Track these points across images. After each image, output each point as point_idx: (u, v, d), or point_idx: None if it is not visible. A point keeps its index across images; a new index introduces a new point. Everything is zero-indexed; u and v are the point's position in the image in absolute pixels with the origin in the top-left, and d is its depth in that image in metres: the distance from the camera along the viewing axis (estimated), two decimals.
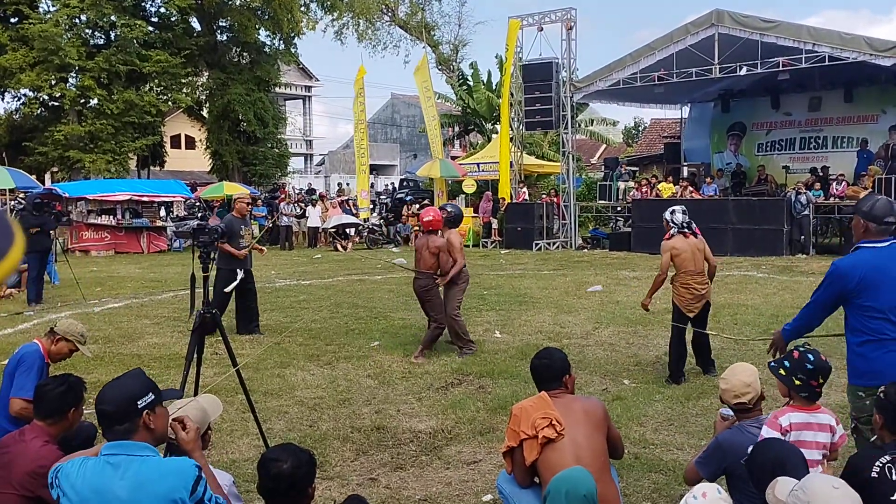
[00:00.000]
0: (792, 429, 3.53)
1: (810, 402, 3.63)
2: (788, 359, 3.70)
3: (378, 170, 45.25)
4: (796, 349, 3.74)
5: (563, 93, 21.79)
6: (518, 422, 3.75)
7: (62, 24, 25.06)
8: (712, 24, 18.84)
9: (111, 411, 2.74)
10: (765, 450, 3.21)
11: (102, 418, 2.77)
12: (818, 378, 3.60)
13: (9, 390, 4.53)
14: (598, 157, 41.18)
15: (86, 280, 14.38)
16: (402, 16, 40.48)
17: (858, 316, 4.12)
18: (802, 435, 3.53)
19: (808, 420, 3.58)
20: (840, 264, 4.19)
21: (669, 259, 7.25)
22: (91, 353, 5.39)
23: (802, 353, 3.67)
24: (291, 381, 7.28)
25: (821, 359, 3.64)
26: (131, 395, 2.78)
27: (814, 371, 3.59)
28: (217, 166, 30.89)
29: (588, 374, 7.42)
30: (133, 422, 2.75)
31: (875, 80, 19.89)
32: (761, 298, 11.74)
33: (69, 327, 4.86)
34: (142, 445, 2.73)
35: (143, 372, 3.00)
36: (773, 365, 3.78)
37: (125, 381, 2.87)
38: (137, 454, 2.69)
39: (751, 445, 3.52)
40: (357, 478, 4.95)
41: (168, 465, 2.74)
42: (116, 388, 2.82)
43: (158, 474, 2.64)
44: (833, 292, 4.19)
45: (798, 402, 3.64)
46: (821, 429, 3.59)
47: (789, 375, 3.65)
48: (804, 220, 18.15)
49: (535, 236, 21.34)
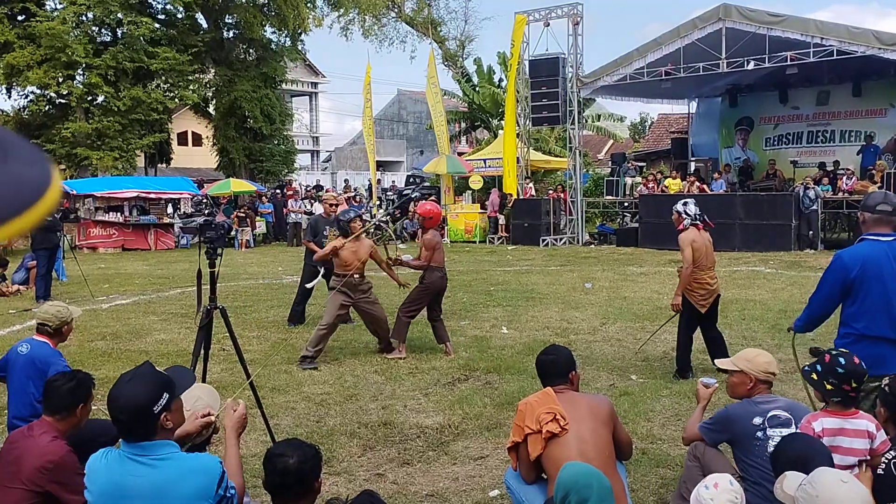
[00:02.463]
0: (824, 434, 3.42)
1: (845, 407, 3.52)
2: (820, 363, 3.61)
3: (385, 166, 45.24)
4: (828, 352, 3.63)
5: (570, 88, 21.74)
6: (523, 417, 3.75)
7: (69, 22, 25.08)
8: (719, 19, 18.77)
9: (127, 421, 2.70)
10: (791, 444, 3.17)
11: (118, 425, 2.73)
12: (850, 382, 3.49)
13: (31, 390, 4.52)
14: (605, 153, 41.06)
15: (94, 277, 14.43)
16: (409, 12, 40.44)
17: (847, 308, 4.16)
18: (836, 441, 3.43)
19: (841, 426, 3.47)
20: (842, 254, 4.20)
21: (692, 252, 6.95)
22: (80, 311, 5.41)
23: (833, 357, 3.56)
24: (298, 377, 7.29)
25: (853, 362, 3.52)
26: (146, 403, 2.72)
27: (845, 375, 3.48)
28: (224, 163, 30.94)
29: (595, 370, 7.41)
30: (151, 427, 2.72)
31: (884, 73, 19.79)
32: (769, 294, 11.70)
33: (53, 315, 4.80)
34: (163, 443, 2.71)
35: (154, 368, 2.94)
36: (805, 370, 3.71)
37: (137, 386, 2.77)
38: (161, 453, 2.68)
39: (756, 417, 3.59)
40: (364, 473, 4.95)
41: (193, 462, 2.72)
42: (129, 394, 2.73)
43: (185, 472, 2.63)
44: (834, 282, 4.19)
45: (832, 407, 3.54)
46: (856, 434, 3.46)
47: (821, 380, 3.56)
48: (812, 215, 18.08)
49: (542, 232, 21.31)
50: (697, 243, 6.99)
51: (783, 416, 3.62)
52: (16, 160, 0.85)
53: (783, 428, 3.58)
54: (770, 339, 8.56)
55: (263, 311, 10.95)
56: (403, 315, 8.12)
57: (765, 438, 3.59)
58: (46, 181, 0.86)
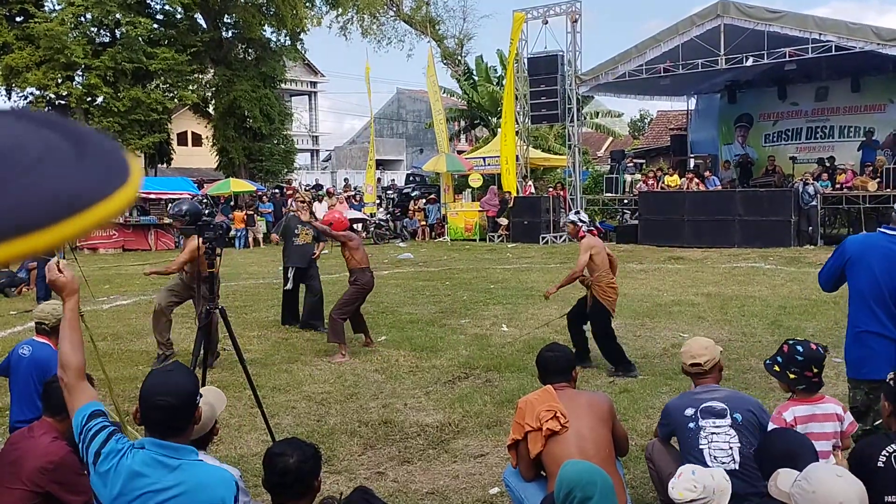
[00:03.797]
0: (797, 423, 3.50)
1: (810, 393, 3.60)
2: (779, 354, 3.68)
3: (384, 165, 45.24)
4: (786, 343, 3.71)
5: (569, 86, 21.74)
6: (523, 415, 3.77)
7: (67, 23, 25.08)
8: (718, 16, 18.77)
9: (177, 404, 2.60)
10: (775, 440, 3.20)
11: (163, 410, 2.59)
12: (811, 368, 3.57)
13: (35, 392, 4.51)
14: (605, 150, 41.05)
15: (94, 278, 14.44)
16: (407, 10, 40.45)
17: (850, 300, 4.23)
18: (809, 427, 3.50)
19: (812, 412, 3.55)
20: (850, 237, 4.37)
21: (589, 258, 7.21)
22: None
23: (791, 346, 3.64)
24: (299, 377, 7.30)
25: (811, 348, 3.60)
26: (193, 390, 2.70)
27: (805, 362, 3.56)
28: (223, 163, 30.94)
29: (595, 367, 7.42)
30: (190, 419, 2.67)
31: (882, 69, 19.78)
32: (769, 290, 11.70)
33: (49, 313, 4.80)
34: (189, 449, 2.65)
35: (184, 365, 2.93)
36: (767, 363, 3.78)
37: (180, 375, 2.75)
38: (187, 458, 2.61)
39: (688, 408, 3.62)
40: (365, 472, 4.97)
41: (215, 473, 2.67)
42: (175, 381, 2.68)
43: (207, 482, 2.58)
44: (835, 259, 4.36)
45: (799, 395, 3.62)
46: (826, 419, 3.55)
47: (783, 370, 3.63)
48: (812, 210, 18.08)
49: (542, 230, 21.32)
50: (597, 248, 7.29)
51: (717, 407, 3.62)
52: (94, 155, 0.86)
53: (716, 418, 3.59)
54: (770, 335, 8.57)
55: (264, 311, 10.96)
56: (338, 316, 8.06)
57: (696, 429, 3.61)
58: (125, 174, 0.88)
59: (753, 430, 3.55)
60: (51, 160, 0.81)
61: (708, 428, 3.56)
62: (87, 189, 0.82)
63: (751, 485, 3.32)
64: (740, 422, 3.56)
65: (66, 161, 0.83)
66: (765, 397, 6.25)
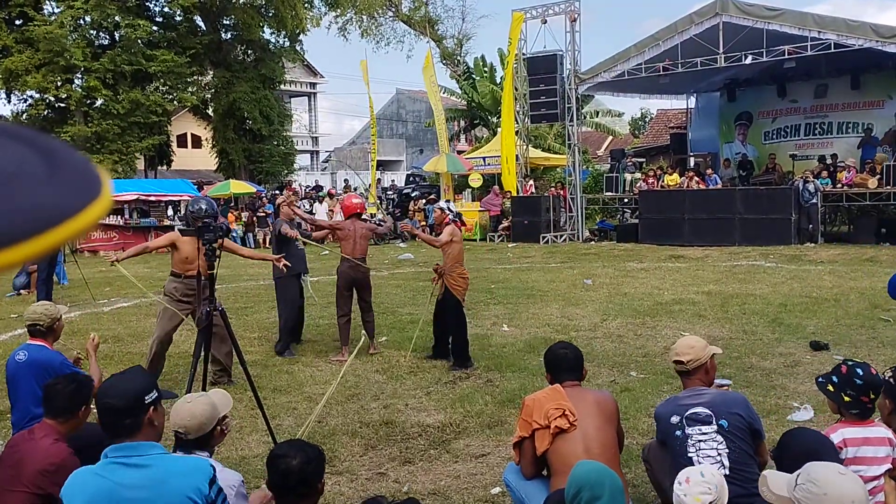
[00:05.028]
0: (847, 445, 3.33)
1: (862, 418, 3.43)
2: (836, 373, 3.50)
3: (384, 165, 45.22)
4: (844, 363, 3.53)
5: (568, 85, 21.73)
6: (530, 412, 3.76)
7: (67, 26, 25.09)
8: (717, 14, 18.75)
9: (120, 405, 2.76)
10: (796, 439, 3.11)
11: (108, 412, 2.78)
12: (869, 393, 3.40)
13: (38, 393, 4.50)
14: (605, 149, 41.04)
15: (95, 280, 14.44)
16: (406, 10, 40.43)
17: None
18: (861, 451, 3.33)
19: (864, 435, 3.37)
20: None
21: (450, 241, 7.61)
22: (66, 308, 5.45)
23: (850, 368, 3.46)
24: (299, 378, 7.30)
25: (870, 373, 3.44)
26: (138, 391, 2.81)
27: (864, 386, 3.39)
28: (223, 165, 30.96)
29: (596, 366, 7.41)
30: (139, 417, 2.77)
31: (882, 66, 19.76)
32: (770, 288, 11.70)
33: (42, 314, 4.79)
34: (150, 444, 2.74)
35: (143, 369, 3.03)
36: (820, 381, 3.59)
37: (130, 377, 2.91)
38: (149, 453, 2.70)
39: (674, 416, 3.57)
40: (366, 472, 4.96)
41: (187, 462, 2.76)
42: (122, 383, 2.85)
43: (176, 472, 2.65)
44: None
45: (849, 418, 3.45)
46: (879, 443, 3.37)
47: (838, 391, 3.46)
48: (812, 208, 18.06)
49: (542, 229, 21.31)
50: (458, 237, 7.75)
51: (702, 414, 3.56)
52: (65, 169, 0.87)
53: (702, 425, 3.54)
54: (770, 333, 8.57)
55: (264, 313, 10.95)
56: (337, 316, 8.27)
57: (683, 437, 3.56)
58: (97, 188, 0.89)
59: (741, 434, 3.51)
60: (23, 175, 0.82)
61: (695, 436, 3.52)
62: (61, 204, 0.83)
63: (742, 487, 3.30)
64: (726, 428, 3.50)
65: (39, 176, 0.83)
66: (765, 396, 6.26)
